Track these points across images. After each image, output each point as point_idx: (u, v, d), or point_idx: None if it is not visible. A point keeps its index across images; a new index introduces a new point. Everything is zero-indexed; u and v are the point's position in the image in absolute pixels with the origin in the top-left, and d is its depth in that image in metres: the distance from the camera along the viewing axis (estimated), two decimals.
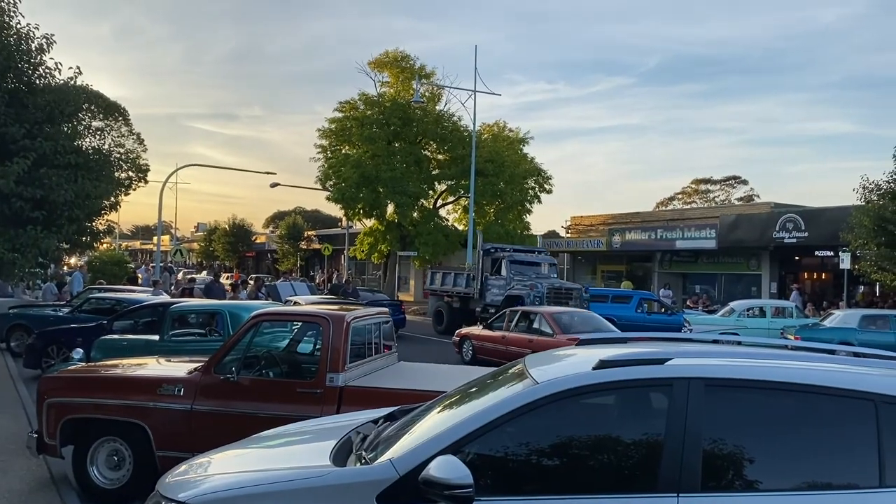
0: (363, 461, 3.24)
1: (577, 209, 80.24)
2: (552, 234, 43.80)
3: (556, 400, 3.08)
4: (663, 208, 56.49)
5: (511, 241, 34.39)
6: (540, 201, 37.00)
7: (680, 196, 66.83)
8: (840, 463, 2.93)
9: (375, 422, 4.04)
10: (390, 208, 35.07)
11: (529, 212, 36.85)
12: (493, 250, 23.70)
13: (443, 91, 36.39)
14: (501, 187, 34.41)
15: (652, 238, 32.99)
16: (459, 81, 47.70)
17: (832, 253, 23.61)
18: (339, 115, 35.38)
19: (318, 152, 35.73)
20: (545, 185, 37.27)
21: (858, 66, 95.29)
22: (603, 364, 3.15)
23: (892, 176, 20.89)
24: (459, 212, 38.22)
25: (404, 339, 18.52)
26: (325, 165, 34.71)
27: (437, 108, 36.63)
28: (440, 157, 37.23)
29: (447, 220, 38.48)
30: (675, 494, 2.83)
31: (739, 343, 5.06)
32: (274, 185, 37.11)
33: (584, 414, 3.23)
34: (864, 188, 21.44)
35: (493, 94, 32.70)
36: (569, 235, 39.98)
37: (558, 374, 3.25)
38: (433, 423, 3.35)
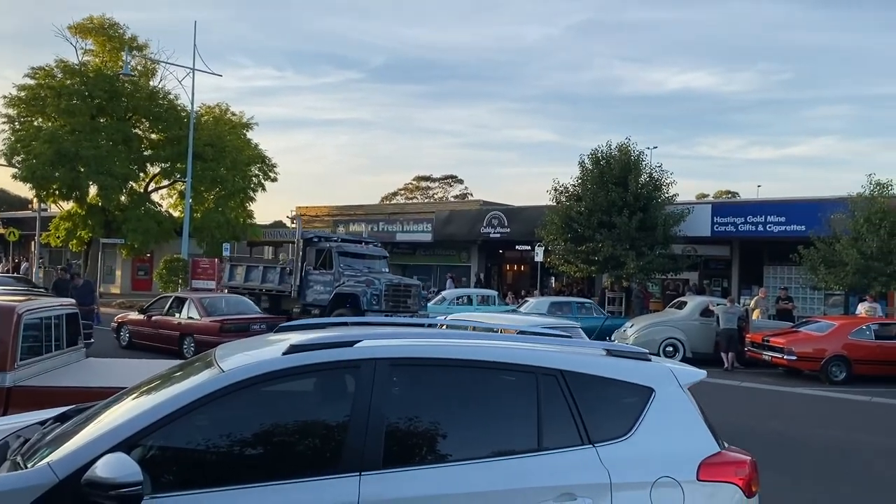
0: (18, 467, 2.85)
1: (307, 200, 79.92)
2: (278, 224, 43.11)
3: (243, 387, 2.99)
4: (388, 202, 58.60)
5: (232, 230, 33.24)
6: (265, 189, 36.08)
7: (403, 192, 70.07)
8: (511, 431, 3.18)
9: (43, 423, 3.60)
10: (93, 190, 31.60)
11: (253, 200, 35.77)
12: (316, 239, 20.12)
13: (158, 66, 33.78)
14: (222, 173, 32.83)
15: (374, 230, 34.00)
16: (178, 58, 44.55)
17: (529, 247, 26.36)
18: (32, 82, 31.15)
19: (4, 122, 31.21)
20: (270, 173, 36.42)
21: (556, 83, 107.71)
22: (293, 349, 3.12)
23: (578, 181, 24.03)
24: (175, 197, 35.82)
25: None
26: (13, 138, 30.35)
27: (151, 84, 33.89)
28: (154, 136, 34.47)
29: (160, 205, 35.86)
30: (358, 473, 2.87)
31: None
32: None
33: (275, 400, 3.18)
34: (555, 190, 24.46)
35: (214, 74, 31.43)
36: (294, 226, 39.63)
37: (246, 361, 3.15)
38: (107, 421, 3.05)
